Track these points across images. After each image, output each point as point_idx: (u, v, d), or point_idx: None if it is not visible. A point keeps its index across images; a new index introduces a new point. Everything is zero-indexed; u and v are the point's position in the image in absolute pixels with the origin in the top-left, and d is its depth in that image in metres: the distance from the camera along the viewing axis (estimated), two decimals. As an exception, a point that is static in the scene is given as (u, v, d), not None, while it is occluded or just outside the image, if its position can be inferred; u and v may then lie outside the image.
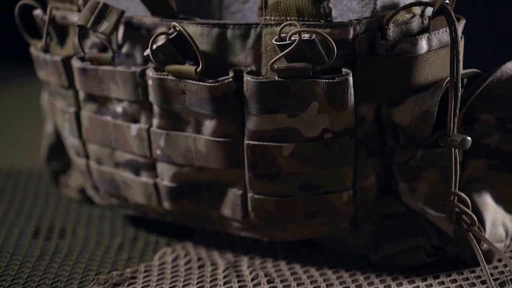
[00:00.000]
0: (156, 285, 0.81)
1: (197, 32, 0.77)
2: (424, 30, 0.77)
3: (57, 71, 0.87)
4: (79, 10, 0.85)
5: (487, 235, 0.79)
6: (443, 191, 0.77)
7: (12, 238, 0.92)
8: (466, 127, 0.79)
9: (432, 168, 0.79)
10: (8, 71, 1.83)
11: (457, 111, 0.74)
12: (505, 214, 0.82)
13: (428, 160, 0.77)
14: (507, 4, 1.62)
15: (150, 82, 0.78)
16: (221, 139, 0.77)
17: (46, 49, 0.89)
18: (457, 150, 0.75)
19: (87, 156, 0.90)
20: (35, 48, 0.91)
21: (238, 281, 0.81)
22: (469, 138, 0.74)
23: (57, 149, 1.01)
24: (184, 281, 0.82)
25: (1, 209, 1.01)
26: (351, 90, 0.73)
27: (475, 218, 0.76)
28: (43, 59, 0.89)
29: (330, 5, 0.72)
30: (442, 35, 0.77)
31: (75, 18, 0.85)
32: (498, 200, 0.82)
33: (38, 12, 0.90)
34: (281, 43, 0.71)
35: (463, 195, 0.76)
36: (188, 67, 0.75)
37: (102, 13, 0.81)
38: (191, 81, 0.76)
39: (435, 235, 0.81)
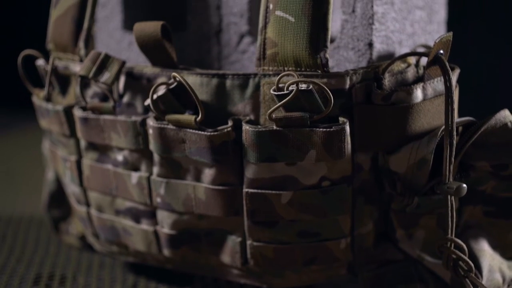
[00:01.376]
0: (156, 333, 0.81)
1: (196, 82, 0.78)
2: (419, 79, 0.78)
3: (59, 120, 0.88)
4: (81, 60, 0.87)
5: (484, 282, 0.79)
6: (440, 237, 0.77)
7: (13, 286, 0.92)
8: (461, 174, 0.80)
9: (429, 215, 0.80)
10: (9, 118, 1.85)
11: (453, 159, 0.75)
12: (502, 260, 0.83)
13: (424, 207, 0.78)
14: (500, 49, 1.64)
15: (150, 131, 0.80)
16: (220, 187, 0.78)
17: (48, 98, 0.90)
18: (453, 197, 0.76)
19: (87, 204, 0.91)
20: (37, 97, 0.92)
21: (238, 328, 0.82)
22: (464, 185, 0.75)
23: (58, 196, 1.02)
24: (184, 328, 0.82)
25: (2, 256, 1.01)
26: (348, 138, 0.74)
27: (472, 265, 0.76)
28: (45, 108, 0.90)
29: (327, 55, 0.73)
30: (437, 84, 0.78)
31: (77, 68, 0.86)
32: (494, 246, 0.83)
33: (40, 62, 0.91)
34: (279, 93, 0.73)
35: (459, 241, 0.76)
36: (187, 117, 0.77)
37: (104, 63, 0.82)
38: (191, 130, 0.77)
39: (433, 281, 0.81)
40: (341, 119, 0.74)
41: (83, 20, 0.87)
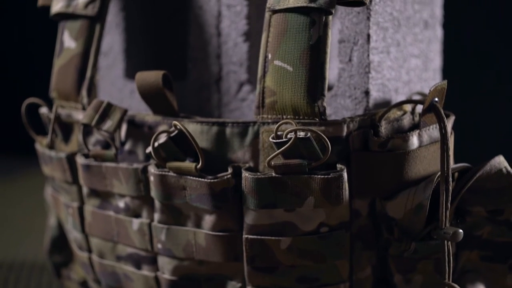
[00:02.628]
0: None
1: (197, 130, 0.80)
2: (415, 126, 0.80)
3: (61, 167, 0.89)
4: (83, 109, 0.88)
5: (482, 326, 0.80)
6: (437, 282, 0.78)
7: (15, 332, 0.93)
8: (458, 219, 0.80)
9: (426, 260, 0.80)
10: (12, 163, 1.85)
11: (449, 204, 0.76)
12: (499, 305, 0.83)
13: (422, 252, 0.79)
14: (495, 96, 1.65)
15: (151, 178, 0.81)
16: (220, 233, 0.79)
17: (51, 146, 0.91)
18: (449, 242, 0.76)
19: (89, 250, 0.92)
20: (40, 145, 0.93)
21: None
22: (461, 230, 0.75)
23: (60, 242, 1.02)
24: None
25: (4, 302, 1.02)
26: (346, 185, 0.75)
27: (469, 309, 0.77)
28: (48, 155, 0.91)
29: (325, 104, 0.75)
30: (433, 131, 0.79)
31: (79, 116, 0.88)
32: (492, 291, 0.84)
33: (44, 110, 0.93)
34: (277, 140, 0.74)
35: (456, 286, 0.77)
36: (188, 164, 0.78)
37: (106, 112, 0.83)
38: (191, 177, 0.78)
39: (431, 326, 0.81)
40: (338, 166, 0.75)
41: (86, 69, 0.89)
